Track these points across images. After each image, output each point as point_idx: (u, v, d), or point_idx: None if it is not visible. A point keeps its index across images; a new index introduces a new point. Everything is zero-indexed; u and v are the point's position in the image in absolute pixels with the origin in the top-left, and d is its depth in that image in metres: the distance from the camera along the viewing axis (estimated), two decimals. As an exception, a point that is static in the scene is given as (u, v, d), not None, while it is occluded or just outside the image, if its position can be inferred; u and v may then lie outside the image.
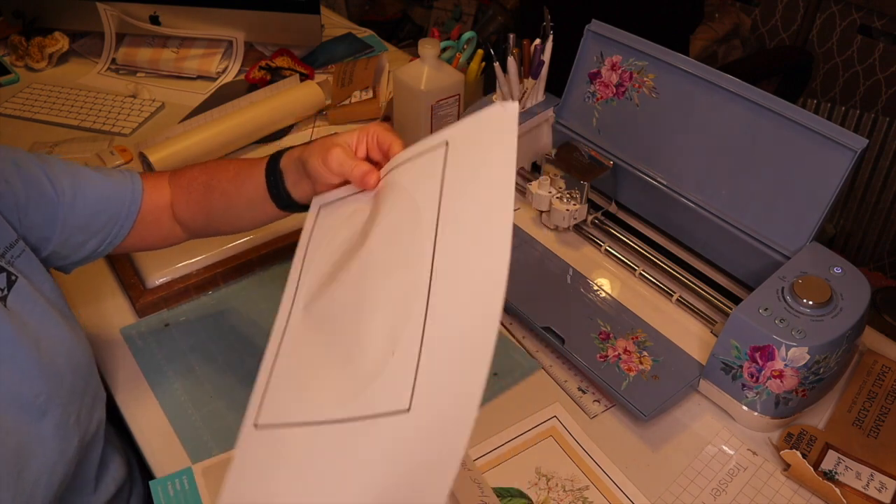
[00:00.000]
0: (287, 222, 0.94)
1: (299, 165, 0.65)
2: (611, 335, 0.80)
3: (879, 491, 0.67)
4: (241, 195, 0.70)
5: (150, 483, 0.67)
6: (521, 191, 0.98)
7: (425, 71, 0.98)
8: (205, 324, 0.85)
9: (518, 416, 0.75)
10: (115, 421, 0.77)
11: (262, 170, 0.68)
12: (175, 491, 0.67)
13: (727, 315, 0.73)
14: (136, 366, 0.80)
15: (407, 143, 0.63)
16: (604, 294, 0.85)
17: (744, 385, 0.71)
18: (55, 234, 0.68)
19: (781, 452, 0.70)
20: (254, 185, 0.69)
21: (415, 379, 0.46)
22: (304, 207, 0.67)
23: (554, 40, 0.92)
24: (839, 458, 0.70)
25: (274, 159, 0.68)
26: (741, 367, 0.70)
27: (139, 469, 0.81)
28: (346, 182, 0.63)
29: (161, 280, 0.87)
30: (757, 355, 0.69)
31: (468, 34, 1.13)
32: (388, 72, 1.25)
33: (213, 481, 0.67)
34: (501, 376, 0.79)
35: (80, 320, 0.84)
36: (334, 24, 1.54)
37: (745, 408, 0.72)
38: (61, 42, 1.37)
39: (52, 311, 0.63)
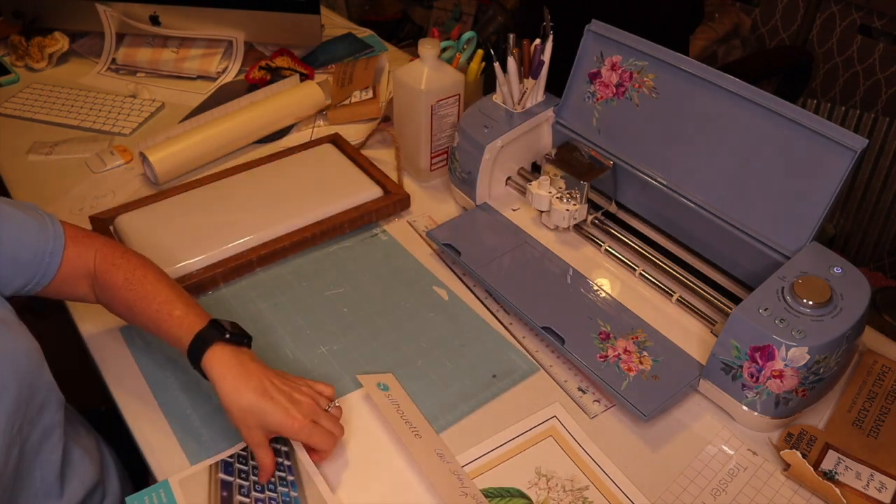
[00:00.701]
0: (287, 222, 0.95)
1: (215, 388, 0.67)
2: (611, 335, 0.80)
3: (879, 491, 0.67)
4: (162, 337, 0.72)
5: (127, 499, 0.65)
6: (521, 191, 0.98)
7: (425, 71, 0.98)
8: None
9: (518, 416, 0.75)
10: (107, 418, 0.77)
11: (186, 343, 0.69)
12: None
13: (727, 315, 0.73)
14: (135, 366, 0.80)
15: (407, 144, 0.64)
16: (604, 294, 0.85)
17: (744, 385, 0.71)
18: None
19: (781, 452, 0.70)
20: (175, 344, 0.71)
21: None
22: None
23: (554, 40, 0.92)
24: (839, 458, 0.70)
25: (198, 350, 0.68)
26: (741, 367, 0.70)
27: (116, 469, 0.80)
28: None
29: (161, 280, 0.86)
30: (757, 355, 0.69)
31: (468, 34, 1.13)
32: (388, 72, 1.25)
33: (191, 492, 0.66)
34: (500, 378, 0.79)
35: (80, 320, 0.85)
36: (334, 24, 1.54)
37: (745, 408, 0.72)
38: (61, 42, 1.37)
39: None
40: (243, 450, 0.70)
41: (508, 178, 0.99)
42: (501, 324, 0.85)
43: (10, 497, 0.64)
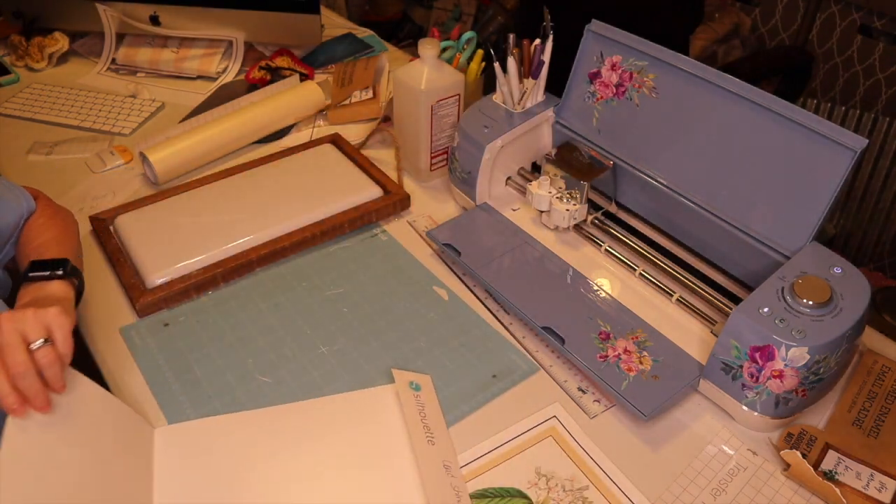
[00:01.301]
0: (287, 222, 0.95)
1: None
2: (611, 335, 0.80)
3: (879, 491, 0.67)
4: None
5: None
6: (521, 191, 0.98)
7: (425, 71, 0.98)
8: (204, 324, 0.85)
9: (518, 416, 0.75)
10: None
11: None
12: None
13: (727, 315, 0.73)
14: (135, 366, 0.80)
15: (407, 144, 0.64)
16: (604, 294, 0.85)
17: (744, 385, 0.71)
18: None
19: (781, 452, 0.70)
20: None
21: None
22: None
23: (554, 40, 0.92)
24: (839, 458, 0.70)
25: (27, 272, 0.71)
26: (741, 367, 0.70)
27: None
28: None
29: (161, 280, 0.87)
30: (757, 355, 0.69)
31: (468, 34, 1.13)
32: (388, 72, 1.25)
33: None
34: (500, 378, 0.79)
35: (80, 320, 0.85)
36: (334, 24, 1.54)
37: (745, 408, 0.72)
38: (61, 42, 1.37)
39: None
40: None
41: (508, 178, 0.99)
42: (501, 324, 0.85)
43: None
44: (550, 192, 0.91)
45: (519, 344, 0.83)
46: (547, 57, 0.93)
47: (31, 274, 0.68)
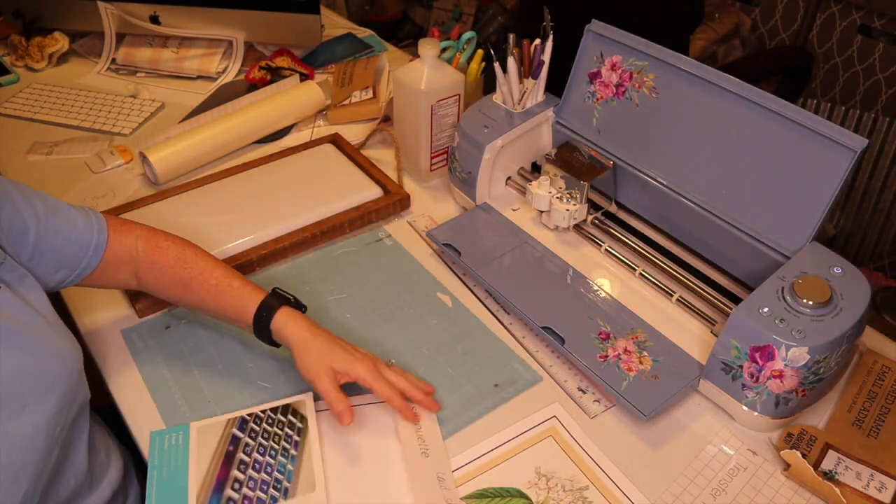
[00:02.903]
0: (287, 222, 0.95)
1: (288, 344, 0.72)
2: (611, 335, 0.80)
3: (879, 491, 0.67)
4: (219, 309, 0.76)
5: (152, 433, 0.71)
6: (521, 191, 0.98)
7: (425, 71, 0.98)
8: (205, 326, 0.84)
9: (518, 416, 0.75)
10: (116, 422, 0.77)
11: (251, 308, 0.74)
12: (170, 445, 0.70)
13: (727, 315, 0.73)
14: (135, 366, 0.80)
15: (407, 144, 0.64)
16: (604, 294, 0.85)
17: (744, 385, 0.71)
18: (28, 253, 0.68)
19: (781, 452, 0.70)
20: (235, 313, 0.75)
21: None
22: (277, 344, 0.75)
23: (554, 40, 0.92)
24: (839, 458, 0.70)
25: (266, 313, 0.73)
26: (741, 367, 0.70)
27: (136, 470, 0.81)
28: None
29: (161, 280, 0.86)
30: (757, 355, 0.69)
31: (468, 34, 1.13)
32: (388, 72, 1.25)
33: (205, 439, 0.71)
34: (502, 387, 0.78)
35: (80, 320, 0.85)
36: (334, 24, 1.54)
37: (745, 408, 0.72)
38: (61, 42, 1.37)
39: (41, 320, 0.63)
40: (263, 411, 0.73)
41: (508, 178, 0.99)
42: (501, 324, 0.85)
43: (45, 496, 0.64)
44: (550, 192, 0.91)
45: (520, 345, 0.83)
46: (547, 57, 0.93)
47: (292, 301, 0.76)
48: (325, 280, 0.91)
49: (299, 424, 0.72)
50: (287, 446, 0.70)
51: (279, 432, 0.71)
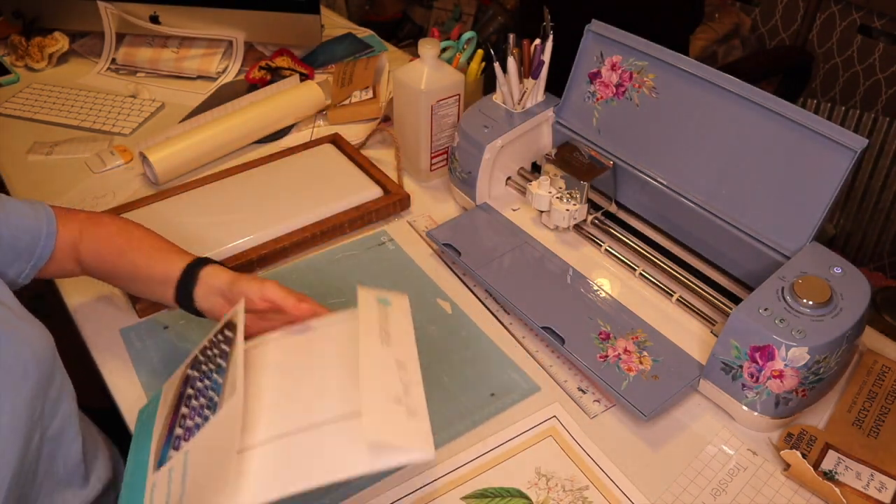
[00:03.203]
0: (287, 223, 0.95)
1: (221, 285, 0.72)
2: (611, 335, 0.80)
3: (879, 491, 0.67)
4: (149, 275, 0.76)
5: (139, 410, 0.73)
6: (521, 191, 0.98)
7: (425, 71, 0.98)
8: (204, 327, 0.84)
9: (518, 416, 0.75)
10: (110, 418, 0.77)
11: (179, 266, 0.74)
12: (148, 413, 0.71)
13: (727, 315, 0.73)
14: (132, 367, 0.80)
15: (407, 144, 0.64)
16: (604, 294, 0.85)
17: (744, 385, 0.71)
18: None
19: (781, 452, 0.70)
20: (163, 273, 0.74)
21: None
22: (199, 314, 0.75)
23: (554, 40, 0.92)
24: (839, 458, 0.70)
25: (195, 266, 0.74)
26: (741, 367, 0.70)
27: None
28: (267, 310, 0.70)
29: (161, 280, 0.86)
30: (757, 355, 0.69)
31: (468, 34, 1.13)
32: (388, 72, 1.25)
33: (168, 393, 0.70)
34: (498, 397, 0.77)
35: (80, 320, 0.85)
36: (334, 24, 1.54)
37: (745, 408, 0.72)
38: (61, 42, 1.37)
39: (8, 313, 0.64)
40: (210, 340, 0.68)
41: (508, 178, 0.99)
42: (501, 324, 0.85)
43: (35, 482, 0.64)
44: (550, 192, 0.91)
45: (522, 347, 0.83)
46: (547, 57, 0.93)
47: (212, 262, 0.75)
48: (325, 283, 0.91)
49: (229, 333, 0.65)
50: (221, 362, 0.65)
51: (216, 351, 0.66)
